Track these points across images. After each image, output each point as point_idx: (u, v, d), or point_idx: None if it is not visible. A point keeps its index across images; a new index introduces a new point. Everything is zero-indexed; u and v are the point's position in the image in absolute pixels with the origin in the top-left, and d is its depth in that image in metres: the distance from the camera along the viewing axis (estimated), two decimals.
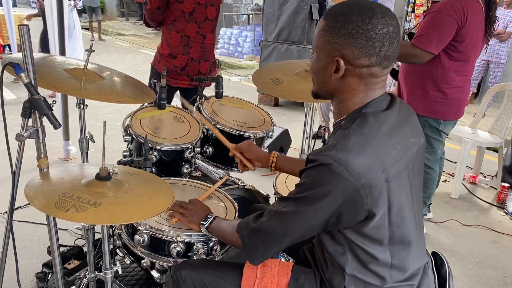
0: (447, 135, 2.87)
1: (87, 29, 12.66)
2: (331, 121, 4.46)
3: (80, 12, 11.22)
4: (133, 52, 10.96)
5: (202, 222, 1.53)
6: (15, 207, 2.91)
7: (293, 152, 4.29)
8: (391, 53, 1.15)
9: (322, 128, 2.28)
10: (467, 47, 2.56)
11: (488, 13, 2.58)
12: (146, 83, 2.95)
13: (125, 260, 1.87)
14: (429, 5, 7.76)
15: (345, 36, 1.12)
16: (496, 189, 3.96)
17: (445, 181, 4.14)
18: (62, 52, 3.59)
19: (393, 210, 1.16)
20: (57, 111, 3.74)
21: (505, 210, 3.64)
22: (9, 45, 7.67)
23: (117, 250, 1.86)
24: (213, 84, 2.30)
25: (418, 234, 1.30)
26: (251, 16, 11.22)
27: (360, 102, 1.20)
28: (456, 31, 2.48)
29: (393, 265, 1.23)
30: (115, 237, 1.84)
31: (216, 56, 3.20)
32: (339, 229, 1.20)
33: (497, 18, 2.65)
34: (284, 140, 4.16)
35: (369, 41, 1.11)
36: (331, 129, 1.33)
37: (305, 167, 1.17)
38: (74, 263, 2.34)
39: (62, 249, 2.40)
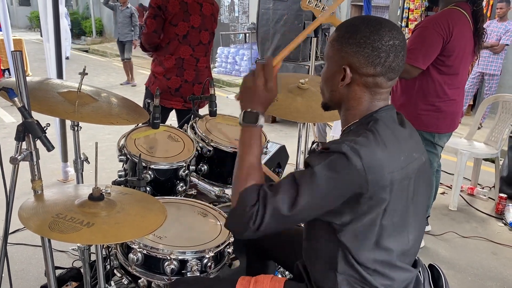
0: (442, 148, 2.88)
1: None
2: (328, 135, 4.50)
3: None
4: None
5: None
6: (13, 230, 2.92)
7: (291, 168, 4.30)
8: (396, 65, 1.20)
9: (315, 144, 2.30)
10: (455, 61, 2.60)
11: (476, 26, 2.63)
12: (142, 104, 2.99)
13: (123, 281, 1.88)
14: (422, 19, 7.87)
15: (353, 45, 1.19)
16: (494, 200, 3.96)
17: (443, 193, 4.14)
18: (60, 75, 3.64)
19: (387, 213, 1.18)
20: (54, 133, 3.77)
21: (503, 221, 3.63)
22: (8, 69, 7.78)
23: (115, 271, 1.87)
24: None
25: (410, 247, 1.31)
26: (247, 35, 11.34)
27: (367, 109, 1.24)
28: (443, 45, 2.53)
29: (377, 271, 1.23)
30: (112, 257, 1.85)
31: (214, 75, 3.25)
32: (334, 226, 1.20)
33: (485, 30, 2.70)
34: (281, 156, 4.17)
35: (375, 51, 1.17)
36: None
37: (320, 150, 1.16)
38: (72, 284, 2.33)
39: (60, 271, 2.41)
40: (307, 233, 1.34)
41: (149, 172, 1.98)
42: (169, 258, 1.55)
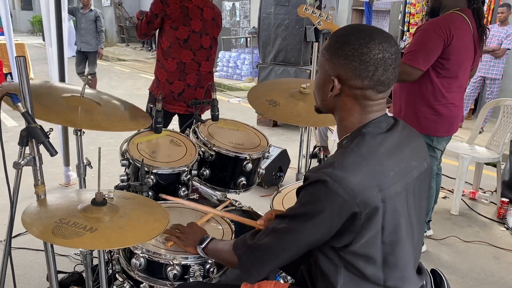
0: (442, 151, 2.88)
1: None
2: (329, 140, 4.50)
3: None
4: (133, 77, 11.09)
5: (198, 244, 1.53)
6: (16, 234, 2.93)
7: (292, 171, 4.31)
8: (386, 79, 1.17)
9: (317, 148, 2.30)
10: (454, 65, 2.61)
11: (479, 23, 2.64)
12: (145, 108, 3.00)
13: (125, 285, 1.87)
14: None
15: (341, 57, 1.17)
16: (496, 204, 3.95)
17: (444, 197, 4.14)
18: (62, 79, 3.65)
19: (387, 230, 1.17)
20: (57, 137, 3.78)
21: (505, 225, 3.63)
22: (10, 73, 7.80)
23: (117, 275, 1.87)
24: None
25: (415, 257, 1.31)
26: (248, 39, 11.39)
27: (358, 122, 1.23)
28: (443, 48, 2.54)
29: (387, 287, 1.23)
30: (114, 261, 1.85)
31: (215, 79, 3.27)
32: (333, 247, 1.21)
33: (488, 28, 2.71)
34: (283, 160, 4.19)
35: (362, 64, 1.15)
36: (331, 148, 1.36)
37: (302, 185, 1.20)
38: None
39: (62, 275, 2.41)
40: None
41: (152, 176, 1.98)
42: (171, 263, 1.55)
